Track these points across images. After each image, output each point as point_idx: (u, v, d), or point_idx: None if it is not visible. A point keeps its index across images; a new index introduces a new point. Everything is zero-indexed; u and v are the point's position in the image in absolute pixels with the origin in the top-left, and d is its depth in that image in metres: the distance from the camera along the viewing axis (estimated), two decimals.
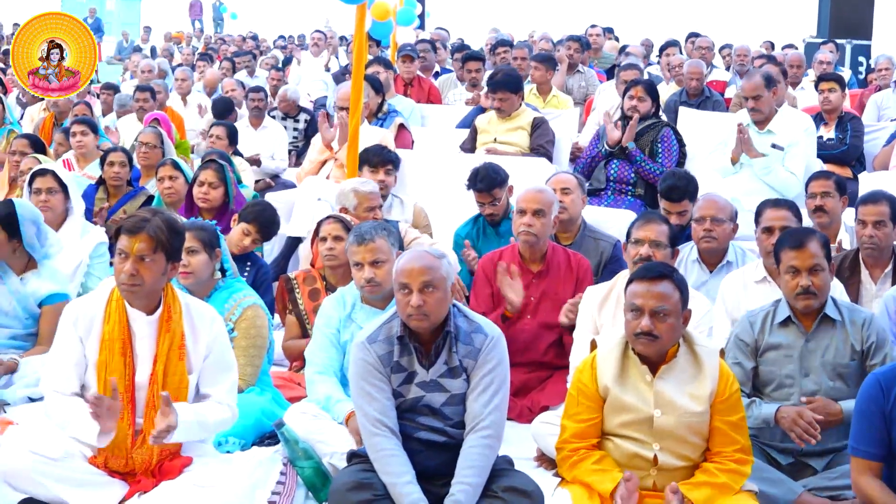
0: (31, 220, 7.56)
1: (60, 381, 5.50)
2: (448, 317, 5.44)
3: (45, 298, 7.54)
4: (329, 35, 22.29)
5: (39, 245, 7.62)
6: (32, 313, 7.55)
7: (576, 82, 15.23)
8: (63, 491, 5.38)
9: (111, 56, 32.83)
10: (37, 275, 7.59)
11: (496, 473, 5.34)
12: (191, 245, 6.70)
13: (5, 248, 7.48)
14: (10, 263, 7.55)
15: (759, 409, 5.97)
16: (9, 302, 7.51)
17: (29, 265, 7.61)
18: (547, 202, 7.53)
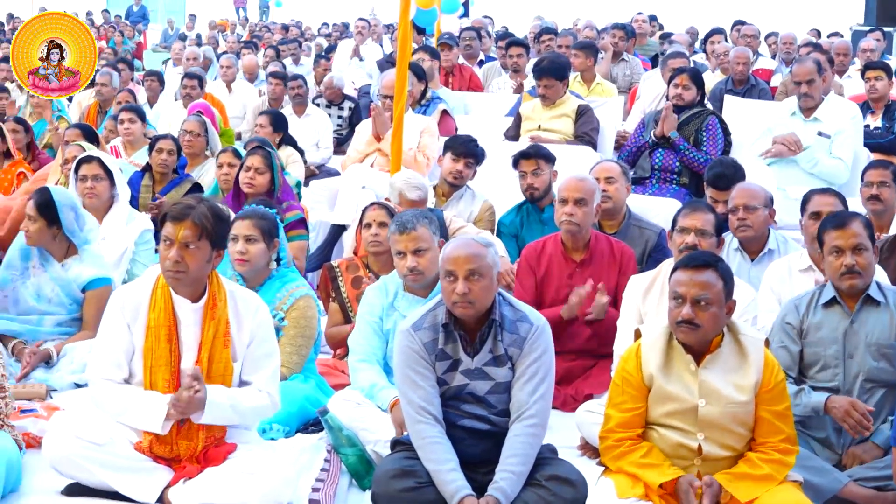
0: (69, 206, 7.61)
1: (109, 369, 5.53)
2: (493, 305, 5.43)
3: (88, 283, 7.60)
4: (373, 23, 22.28)
5: (79, 230, 7.66)
6: (76, 299, 7.60)
7: (620, 70, 15.17)
8: (109, 476, 5.41)
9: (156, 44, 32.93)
10: (78, 260, 7.64)
11: (540, 462, 5.33)
12: (250, 233, 6.74)
13: (45, 234, 7.54)
14: (51, 250, 7.61)
15: (808, 398, 5.95)
16: (52, 289, 7.56)
17: (69, 251, 7.67)
18: (589, 191, 7.51)
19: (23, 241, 7.62)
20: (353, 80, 17.48)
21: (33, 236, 7.54)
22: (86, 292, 7.60)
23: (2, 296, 7.60)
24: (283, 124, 12.00)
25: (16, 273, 7.62)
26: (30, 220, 7.52)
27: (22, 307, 7.60)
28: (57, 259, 7.63)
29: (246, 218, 6.87)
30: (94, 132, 10.83)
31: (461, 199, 9.23)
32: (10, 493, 5.54)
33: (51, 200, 7.52)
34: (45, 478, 5.65)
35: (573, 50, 13.80)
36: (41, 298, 7.58)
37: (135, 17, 36.93)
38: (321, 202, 10.63)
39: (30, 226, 7.53)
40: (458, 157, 9.22)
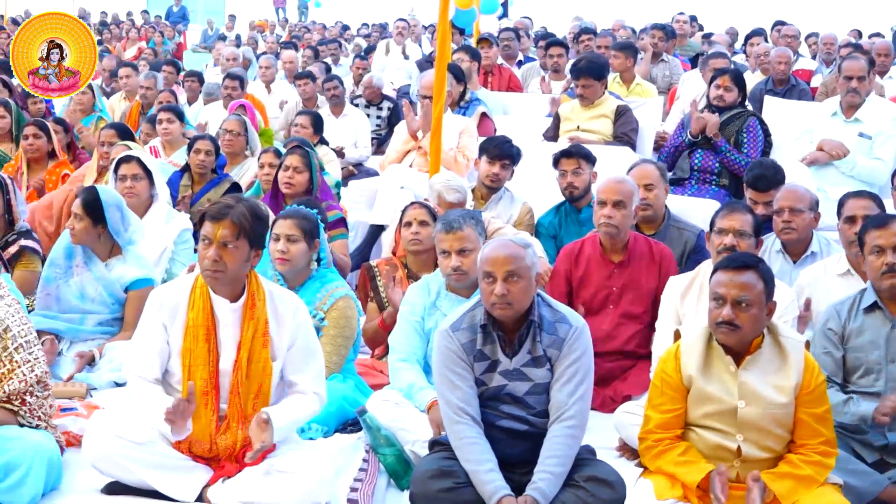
0: (115, 206, 7.64)
1: (143, 367, 5.56)
2: (532, 306, 5.42)
3: (131, 284, 7.62)
4: (413, 23, 22.30)
5: (123, 230, 7.69)
6: (118, 299, 7.63)
7: (660, 71, 15.13)
8: (148, 475, 5.43)
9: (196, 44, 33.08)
10: (122, 260, 7.67)
11: (578, 463, 5.32)
12: (291, 233, 6.77)
13: (91, 233, 7.56)
14: (95, 250, 7.63)
15: (856, 407, 5.93)
16: (95, 288, 7.59)
17: (114, 251, 7.69)
18: (627, 193, 7.48)
19: (67, 239, 7.65)
20: (391, 81, 17.50)
21: (78, 234, 7.57)
22: (128, 292, 7.63)
23: (45, 294, 7.63)
24: (322, 125, 12.03)
25: (59, 271, 7.65)
26: (75, 219, 7.55)
27: (64, 306, 7.63)
28: (101, 259, 7.66)
29: (288, 217, 6.89)
30: (130, 131, 10.86)
31: (500, 201, 9.21)
32: (50, 492, 5.58)
33: (97, 199, 7.56)
34: (85, 476, 5.68)
35: (612, 51, 13.77)
36: (84, 297, 7.61)
37: (175, 18, 37.12)
38: (360, 202, 10.65)
39: (75, 224, 7.56)
40: (493, 160, 9.19)
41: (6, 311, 5.57)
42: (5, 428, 5.50)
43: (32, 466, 5.39)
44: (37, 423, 5.61)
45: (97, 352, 7.40)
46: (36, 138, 10.72)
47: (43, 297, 7.62)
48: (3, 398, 5.53)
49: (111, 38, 28.70)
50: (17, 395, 5.54)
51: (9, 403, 5.55)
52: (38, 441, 5.49)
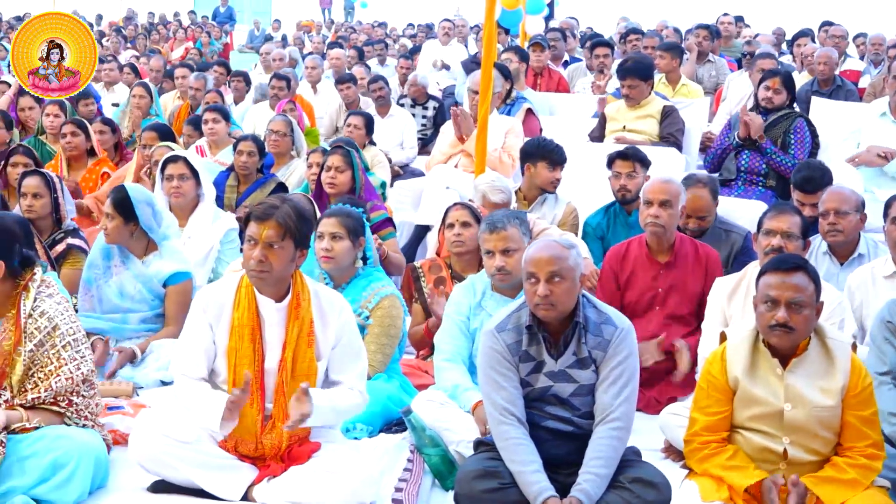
0: (146, 202, 7.67)
1: (189, 366, 5.58)
2: (577, 307, 5.41)
3: (169, 278, 7.67)
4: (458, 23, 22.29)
5: (156, 226, 7.72)
6: (158, 294, 7.67)
7: (706, 71, 15.08)
8: (194, 474, 5.45)
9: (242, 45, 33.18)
10: (158, 256, 7.71)
11: (624, 464, 5.31)
12: (335, 231, 6.78)
13: (123, 232, 7.60)
14: (131, 248, 7.68)
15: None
16: (134, 286, 7.63)
17: (149, 248, 7.73)
18: (674, 193, 7.45)
19: (102, 240, 7.69)
20: (437, 81, 17.50)
21: (111, 234, 7.61)
22: (167, 287, 7.67)
23: (88, 296, 7.67)
24: (373, 126, 12.06)
25: (98, 272, 7.69)
26: (107, 218, 7.59)
27: (106, 306, 7.67)
28: (137, 256, 7.69)
29: (332, 216, 6.90)
30: (171, 132, 10.90)
31: (544, 202, 9.19)
32: (97, 490, 5.61)
33: (127, 198, 7.59)
34: (131, 475, 5.70)
35: (658, 51, 13.73)
36: (124, 296, 7.64)
37: (221, 18, 37.24)
38: (405, 203, 10.67)
39: (108, 223, 7.59)
40: (554, 167, 9.16)
41: (55, 310, 5.60)
42: (53, 427, 5.53)
43: (79, 465, 5.42)
44: (83, 423, 5.64)
45: (137, 348, 7.44)
46: (74, 136, 10.77)
47: (86, 298, 7.66)
48: (49, 399, 5.56)
49: (159, 40, 28.83)
50: (63, 394, 5.57)
51: (56, 405, 5.58)
52: (86, 439, 5.52)
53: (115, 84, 16.91)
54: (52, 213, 8.14)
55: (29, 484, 5.35)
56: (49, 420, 5.56)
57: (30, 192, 8.08)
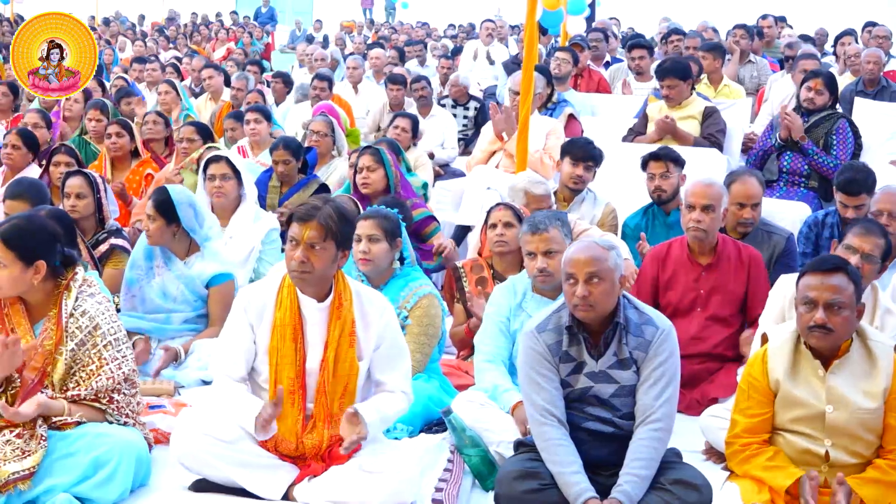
0: (187, 203, 7.70)
1: (229, 366, 5.61)
2: (618, 308, 5.41)
3: (211, 279, 7.70)
4: (499, 24, 22.29)
5: (198, 227, 7.75)
6: (201, 295, 7.70)
7: (748, 72, 15.02)
8: (235, 473, 5.47)
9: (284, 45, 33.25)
10: (200, 257, 7.74)
11: (664, 466, 5.30)
12: (373, 233, 6.80)
13: (166, 233, 7.64)
14: (173, 249, 7.71)
15: None
16: (176, 287, 7.66)
17: (191, 249, 7.76)
18: (716, 196, 7.42)
19: (145, 241, 7.72)
20: (478, 81, 17.50)
21: (154, 235, 7.64)
22: (209, 288, 7.70)
23: (130, 296, 7.71)
24: (418, 128, 12.08)
25: (141, 273, 7.72)
26: (149, 220, 7.63)
27: (149, 306, 7.70)
28: (179, 257, 7.73)
29: (369, 218, 6.91)
30: (209, 130, 10.93)
31: (583, 202, 9.18)
32: (139, 488, 5.64)
33: (168, 199, 7.62)
34: (172, 473, 5.72)
35: (700, 52, 13.69)
36: (167, 297, 7.68)
37: (263, 19, 37.37)
38: (446, 203, 10.67)
39: (149, 225, 7.63)
40: (577, 162, 9.17)
41: (97, 309, 5.63)
42: (95, 425, 5.56)
43: (121, 463, 5.45)
44: (125, 421, 5.67)
45: (181, 348, 7.47)
46: (119, 137, 10.79)
47: (128, 298, 7.70)
48: (90, 396, 5.59)
49: (201, 40, 28.94)
50: (104, 392, 5.60)
51: (97, 402, 5.61)
52: (127, 438, 5.55)
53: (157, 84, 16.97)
54: (95, 213, 8.18)
55: (71, 482, 5.38)
56: (90, 416, 5.59)
57: (73, 192, 8.11)
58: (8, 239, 5.56)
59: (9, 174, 10.08)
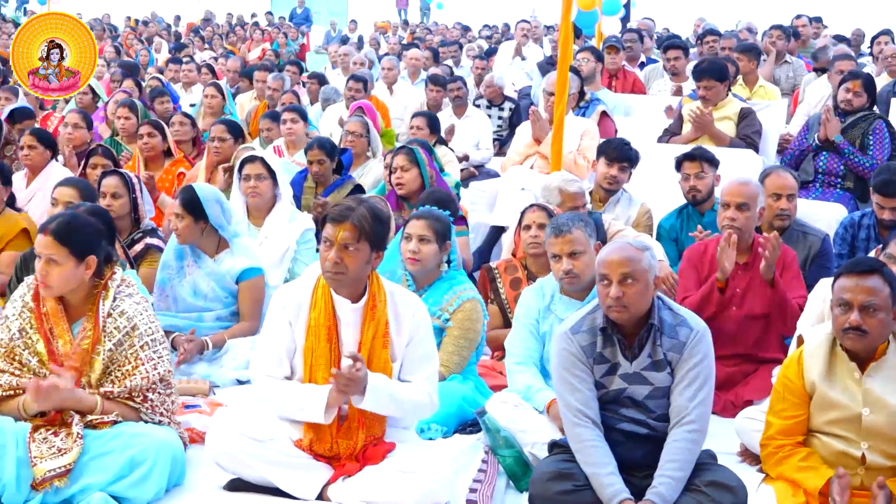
0: (214, 200, 7.74)
1: (272, 366, 5.61)
2: (652, 309, 5.40)
3: (241, 274, 7.73)
4: (534, 24, 22.28)
5: (226, 223, 7.78)
6: (231, 292, 7.74)
7: (783, 72, 14.96)
8: (270, 472, 5.48)
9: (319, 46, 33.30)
10: (229, 253, 7.78)
11: (699, 467, 5.29)
12: (423, 233, 6.81)
13: (194, 231, 7.67)
14: (202, 246, 7.75)
15: None
16: (207, 284, 7.69)
17: (220, 245, 7.79)
18: (751, 195, 7.40)
19: (176, 241, 7.76)
20: (513, 82, 17.50)
21: (183, 233, 7.68)
22: (239, 283, 7.73)
23: (163, 296, 7.74)
24: (438, 126, 12.05)
25: (172, 273, 7.76)
26: (177, 218, 7.66)
27: (181, 305, 7.74)
28: (209, 255, 7.76)
29: (421, 218, 6.92)
30: (239, 127, 10.92)
31: (618, 203, 9.18)
32: (174, 488, 5.65)
33: (195, 197, 7.65)
34: (207, 473, 5.74)
35: (735, 53, 13.64)
36: (198, 295, 7.71)
37: (298, 20, 37.47)
38: (481, 203, 10.67)
39: (178, 223, 7.66)
40: (611, 162, 9.17)
41: (135, 310, 5.65)
42: (130, 424, 5.57)
43: (157, 462, 5.46)
44: (159, 419, 5.68)
45: (209, 339, 7.50)
46: (150, 137, 10.83)
47: (161, 298, 7.74)
48: (124, 394, 5.60)
49: (236, 41, 29.02)
50: (139, 391, 5.61)
51: (131, 400, 5.62)
52: (163, 437, 5.56)
53: (192, 85, 17.06)
54: (130, 212, 8.21)
55: (106, 481, 5.40)
56: (125, 413, 5.60)
57: (109, 191, 8.14)
58: (60, 234, 5.58)
59: (30, 175, 10.09)
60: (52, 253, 5.54)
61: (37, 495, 5.33)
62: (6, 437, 5.40)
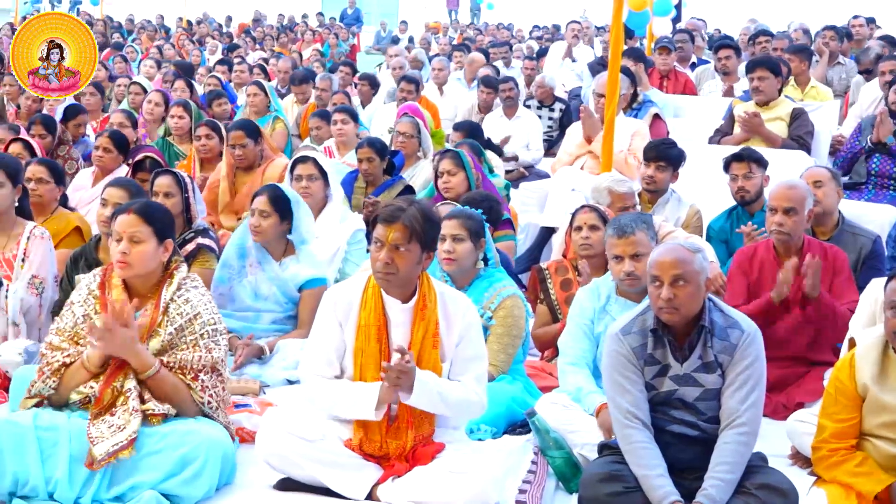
0: (296, 202, 7.80)
1: (322, 366, 5.63)
2: (703, 311, 5.38)
3: (305, 283, 7.72)
4: (585, 25, 22.24)
5: (302, 228, 7.81)
6: (292, 298, 7.74)
7: (836, 74, 14.86)
8: (320, 472, 5.49)
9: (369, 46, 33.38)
10: (295, 260, 7.79)
11: (750, 470, 5.26)
12: (457, 233, 6.81)
13: (277, 230, 7.74)
14: (271, 249, 7.76)
15: None
16: (269, 288, 7.71)
17: (287, 250, 7.81)
18: (798, 199, 7.35)
19: (239, 240, 7.78)
20: (563, 83, 17.48)
21: (266, 231, 7.70)
22: (302, 292, 7.74)
23: (218, 293, 7.76)
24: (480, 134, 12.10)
25: (233, 271, 7.78)
26: (261, 216, 7.68)
27: (238, 305, 7.76)
28: (275, 258, 7.78)
29: (453, 217, 6.93)
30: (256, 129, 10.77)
31: (667, 204, 9.15)
32: (224, 486, 5.67)
33: (284, 196, 7.70)
34: (257, 472, 5.76)
35: (787, 54, 13.58)
36: (258, 297, 7.74)
37: (349, 20, 37.55)
38: (531, 204, 10.68)
39: (262, 221, 7.68)
40: (648, 162, 9.15)
41: (199, 300, 5.72)
42: (182, 422, 5.59)
43: (208, 460, 5.48)
44: (207, 400, 5.67)
45: (266, 345, 7.52)
46: (208, 139, 10.87)
47: (216, 296, 7.74)
48: (176, 365, 5.62)
49: (287, 42, 29.12)
50: (190, 369, 5.62)
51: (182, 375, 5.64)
52: (215, 435, 5.58)
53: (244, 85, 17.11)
54: (182, 212, 8.23)
55: (157, 479, 5.43)
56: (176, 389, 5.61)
57: (161, 190, 8.16)
58: (144, 213, 5.70)
59: (99, 175, 10.16)
60: (136, 230, 5.66)
61: (88, 491, 5.37)
62: (59, 435, 5.45)
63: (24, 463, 5.40)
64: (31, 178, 8.40)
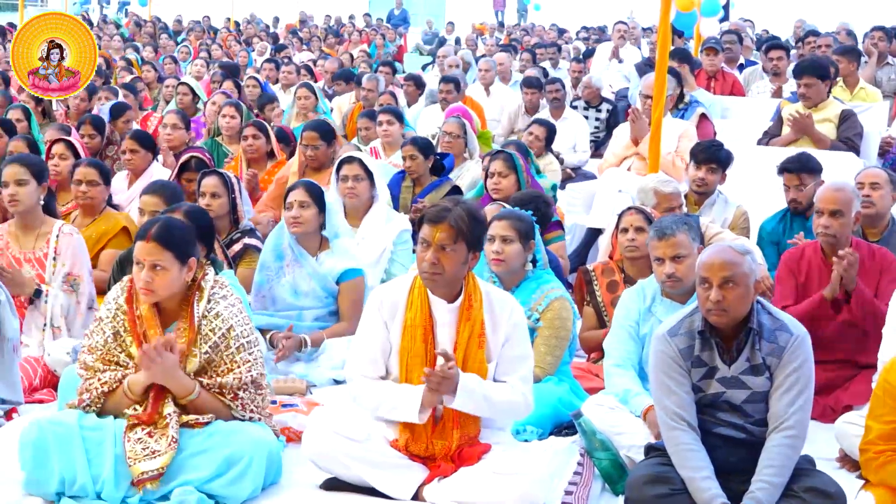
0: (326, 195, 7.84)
1: (367, 366, 5.64)
2: (751, 313, 5.36)
3: (342, 275, 7.75)
4: (632, 26, 22.19)
5: (334, 222, 7.85)
6: (332, 292, 7.77)
7: (885, 74, 14.78)
8: (366, 472, 5.50)
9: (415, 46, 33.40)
10: (330, 254, 7.83)
11: (797, 473, 5.24)
12: (506, 234, 6.80)
13: (316, 221, 7.78)
14: (308, 244, 7.80)
15: None
16: (308, 283, 7.73)
17: (322, 245, 7.83)
18: (845, 202, 7.30)
19: (275, 241, 7.80)
20: (610, 84, 17.45)
21: (307, 221, 7.73)
22: (340, 284, 7.76)
23: (260, 297, 7.79)
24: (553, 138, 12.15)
25: (271, 273, 7.80)
26: (301, 207, 7.70)
27: (280, 305, 7.78)
28: (311, 254, 7.80)
29: (503, 218, 6.92)
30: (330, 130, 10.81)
31: (713, 205, 9.11)
32: (270, 486, 5.69)
33: (319, 188, 7.74)
34: (304, 472, 5.78)
35: (835, 55, 13.50)
36: (298, 294, 7.75)
37: (396, 21, 37.58)
38: (577, 205, 10.66)
39: (302, 212, 7.70)
40: (699, 164, 9.11)
41: (230, 312, 5.67)
42: (227, 422, 5.62)
43: (253, 460, 5.49)
44: (249, 416, 5.67)
45: (307, 337, 7.53)
46: (255, 139, 10.92)
47: (258, 299, 7.78)
48: (215, 388, 5.61)
49: (334, 43, 29.19)
50: (230, 389, 5.62)
51: (221, 395, 5.63)
52: (260, 435, 5.59)
53: (291, 86, 17.16)
54: (229, 212, 8.27)
55: (203, 478, 5.44)
56: (217, 408, 5.61)
57: (208, 191, 8.21)
58: (163, 239, 5.58)
59: (132, 177, 10.17)
60: (157, 259, 5.55)
61: (135, 493, 5.39)
62: (105, 435, 5.48)
63: (71, 463, 5.43)
64: (82, 179, 8.43)
